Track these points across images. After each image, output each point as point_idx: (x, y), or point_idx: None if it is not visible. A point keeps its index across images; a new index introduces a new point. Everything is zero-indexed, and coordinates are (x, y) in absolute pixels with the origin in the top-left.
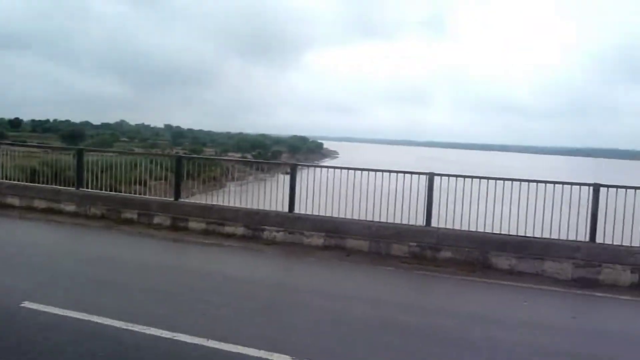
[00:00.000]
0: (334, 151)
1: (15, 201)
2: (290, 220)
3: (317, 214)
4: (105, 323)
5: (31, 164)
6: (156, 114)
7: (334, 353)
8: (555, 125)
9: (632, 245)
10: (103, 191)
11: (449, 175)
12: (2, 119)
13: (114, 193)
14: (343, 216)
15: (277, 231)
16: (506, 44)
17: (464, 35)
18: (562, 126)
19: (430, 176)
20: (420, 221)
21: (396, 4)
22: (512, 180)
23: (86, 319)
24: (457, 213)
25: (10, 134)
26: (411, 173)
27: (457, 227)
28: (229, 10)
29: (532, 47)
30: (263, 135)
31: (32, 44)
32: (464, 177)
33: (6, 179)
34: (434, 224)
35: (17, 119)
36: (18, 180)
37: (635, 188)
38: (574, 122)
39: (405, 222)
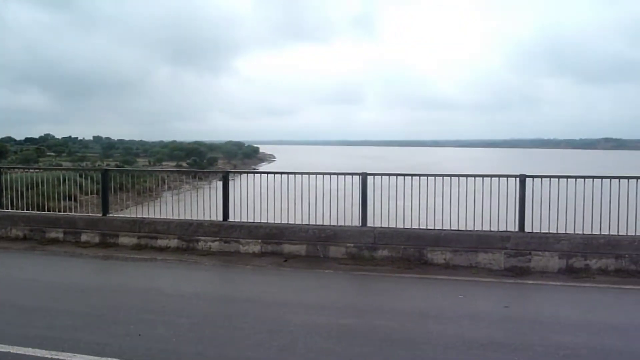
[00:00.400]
0: (271, 155)
1: None
2: (225, 229)
3: (252, 220)
4: (27, 354)
5: None
6: (84, 125)
7: None
8: (482, 119)
9: (558, 232)
10: (25, 211)
11: (381, 174)
12: None
13: (36, 212)
14: (279, 221)
15: (213, 241)
16: (433, 41)
17: (393, 35)
18: (488, 119)
19: (364, 176)
20: (357, 221)
21: (325, 7)
22: (443, 175)
23: (5, 350)
24: (392, 211)
25: None
26: (344, 174)
27: (392, 225)
28: (156, 17)
29: (458, 44)
30: (198, 143)
31: None
32: (397, 175)
33: None
34: (369, 223)
35: None
36: None
37: (559, 177)
38: (500, 114)
39: (341, 223)
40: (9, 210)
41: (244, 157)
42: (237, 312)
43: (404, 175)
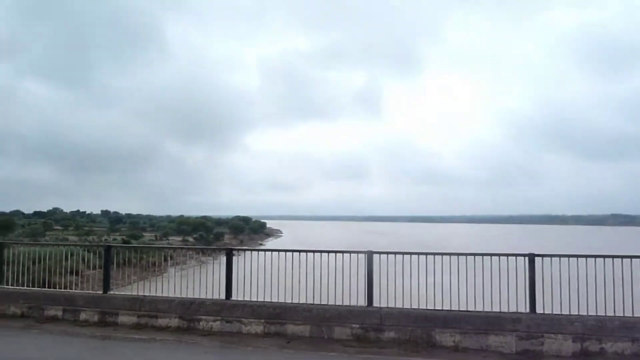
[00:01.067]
0: (278, 230)
1: None
2: (227, 308)
3: (255, 299)
4: None
5: None
6: (93, 199)
7: None
8: (488, 194)
9: (571, 313)
10: (25, 287)
11: (387, 253)
12: None
13: (36, 289)
14: (283, 300)
15: (214, 320)
16: (437, 116)
17: (397, 111)
18: (494, 194)
19: (369, 254)
20: (362, 301)
21: (330, 85)
22: (450, 254)
23: None
24: (399, 290)
25: None
26: (350, 252)
27: (399, 304)
28: (167, 93)
29: (463, 120)
30: (205, 217)
31: None
32: (403, 253)
33: None
34: (375, 303)
35: None
36: None
37: (569, 256)
38: (505, 189)
39: (346, 303)
40: (9, 287)
41: (250, 232)
42: None
43: (411, 253)
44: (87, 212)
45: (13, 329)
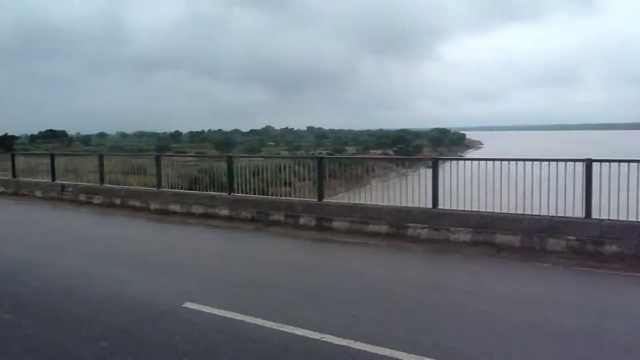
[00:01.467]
0: (478, 141)
1: (177, 207)
2: (434, 217)
3: (462, 208)
4: (257, 324)
5: (191, 172)
6: (299, 117)
7: (490, 359)
8: None
9: None
10: (252, 195)
11: (609, 161)
12: (164, 132)
13: (261, 197)
14: (491, 210)
15: (422, 228)
16: None
17: (615, 6)
18: None
19: (588, 162)
20: (579, 212)
21: None
22: None
23: (240, 319)
24: (622, 202)
25: (172, 146)
26: (565, 160)
27: (622, 217)
28: (360, 9)
29: None
30: (403, 131)
31: (182, 62)
32: (629, 161)
33: (170, 188)
34: (594, 215)
35: (177, 131)
36: (180, 188)
37: None
38: None
39: (561, 214)
40: (239, 195)
41: (449, 144)
42: (448, 302)
43: (638, 161)
44: (294, 129)
45: (246, 230)
